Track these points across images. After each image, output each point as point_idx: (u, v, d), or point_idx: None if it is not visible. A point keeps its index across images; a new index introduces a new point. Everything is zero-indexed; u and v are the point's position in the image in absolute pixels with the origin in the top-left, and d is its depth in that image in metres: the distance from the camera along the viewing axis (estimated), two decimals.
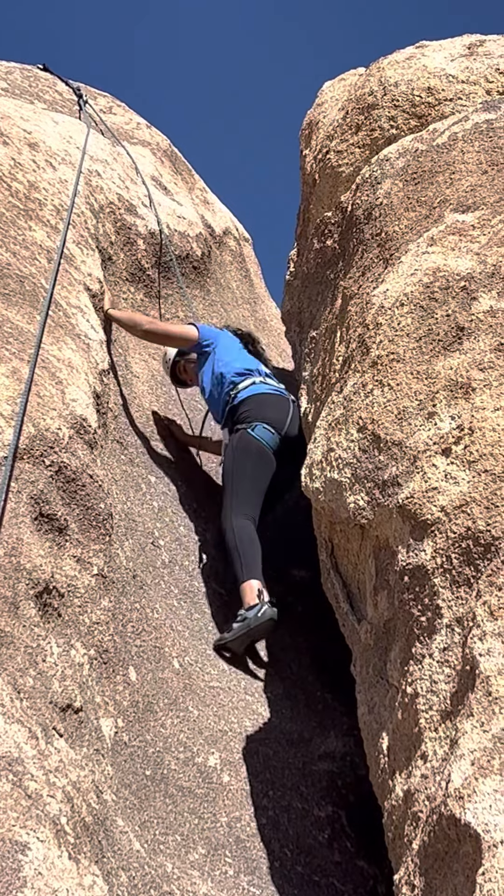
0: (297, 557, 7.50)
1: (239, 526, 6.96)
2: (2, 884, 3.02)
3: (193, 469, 7.90)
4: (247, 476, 7.27)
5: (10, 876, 3.07)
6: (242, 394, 7.58)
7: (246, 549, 6.82)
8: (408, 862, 3.88)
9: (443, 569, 4.23)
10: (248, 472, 7.28)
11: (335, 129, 7.56)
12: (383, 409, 4.97)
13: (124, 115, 11.05)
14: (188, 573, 6.86)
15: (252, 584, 6.64)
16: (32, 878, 3.12)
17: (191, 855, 4.85)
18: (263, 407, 7.51)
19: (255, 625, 6.43)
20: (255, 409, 7.50)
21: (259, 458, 7.33)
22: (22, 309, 5.76)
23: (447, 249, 5.38)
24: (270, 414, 7.47)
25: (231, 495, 7.24)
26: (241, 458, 7.34)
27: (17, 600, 4.24)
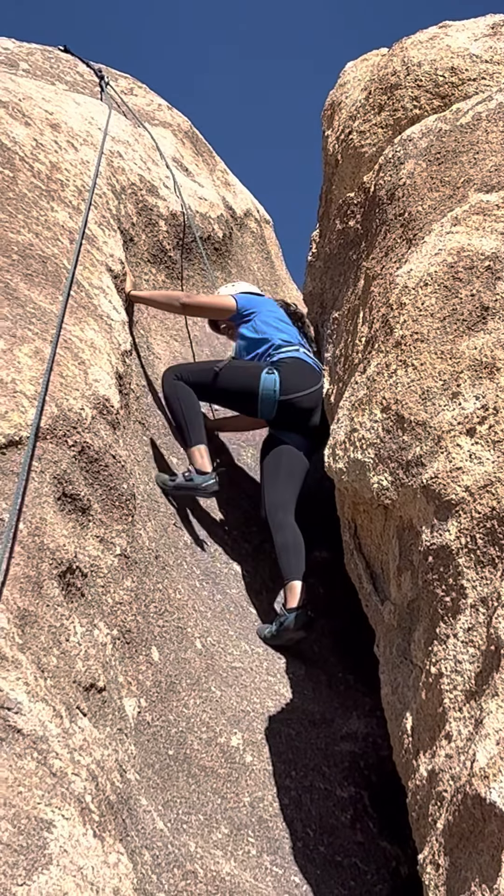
0: (318, 539, 7.50)
1: (179, 388, 7.45)
2: (28, 860, 3.03)
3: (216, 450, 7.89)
4: (218, 378, 7.58)
5: (36, 853, 3.08)
6: (282, 354, 7.66)
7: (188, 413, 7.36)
8: (432, 842, 3.87)
9: (467, 549, 4.21)
10: (223, 378, 7.59)
11: (358, 110, 7.54)
12: (407, 390, 4.95)
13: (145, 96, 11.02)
14: (210, 554, 6.87)
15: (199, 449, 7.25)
16: (58, 856, 3.13)
17: (214, 834, 4.86)
18: (293, 368, 7.61)
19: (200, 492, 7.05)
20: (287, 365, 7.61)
21: (241, 379, 7.60)
22: (45, 289, 5.75)
23: (471, 229, 5.36)
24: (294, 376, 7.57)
25: (187, 364, 7.85)
26: (235, 365, 7.72)
27: (40, 580, 4.24)
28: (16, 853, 3.03)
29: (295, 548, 6.97)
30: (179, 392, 7.30)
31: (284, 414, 7.52)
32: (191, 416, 7.24)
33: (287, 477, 7.41)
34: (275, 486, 7.34)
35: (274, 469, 7.46)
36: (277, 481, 7.37)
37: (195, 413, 7.28)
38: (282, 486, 7.33)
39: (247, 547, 7.29)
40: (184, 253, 8.90)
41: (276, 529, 7.09)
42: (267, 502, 7.27)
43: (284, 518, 7.16)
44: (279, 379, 7.45)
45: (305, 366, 7.65)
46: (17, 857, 3.02)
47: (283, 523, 7.12)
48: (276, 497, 7.27)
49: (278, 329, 7.85)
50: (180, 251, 8.86)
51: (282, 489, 7.32)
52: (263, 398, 7.45)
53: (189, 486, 6.89)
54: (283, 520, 7.14)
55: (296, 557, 6.92)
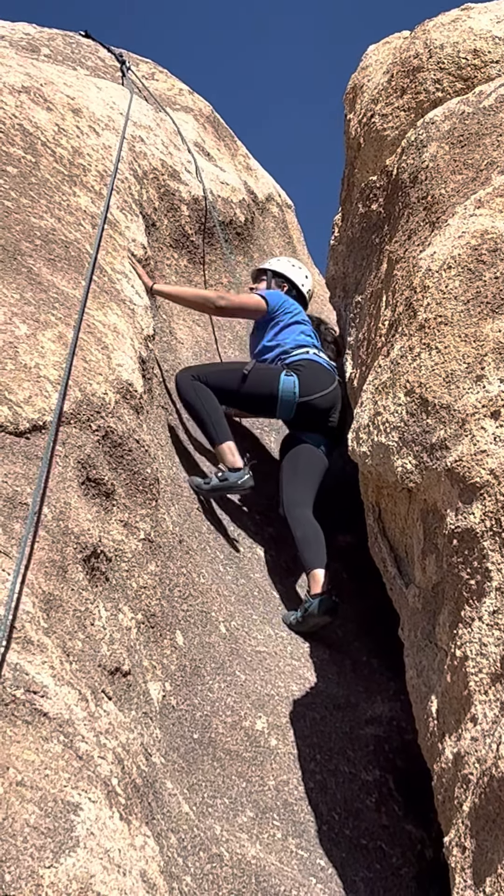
0: (342, 523, 7.50)
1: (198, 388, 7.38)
2: (55, 843, 3.04)
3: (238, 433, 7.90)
4: (236, 381, 7.55)
5: (63, 835, 3.09)
6: (295, 357, 7.68)
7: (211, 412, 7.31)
8: (458, 824, 3.87)
9: (492, 531, 4.20)
10: (241, 383, 7.55)
11: (380, 93, 7.51)
12: (431, 373, 4.94)
13: (166, 81, 11.01)
14: (233, 538, 6.88)
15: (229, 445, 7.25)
16: (85, 838, 3.14)
17: (239, 818, 4.87)
18: (310, 370, 7.63)
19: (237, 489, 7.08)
20: (303, 367, 7.63)
21: (260, 383, 7.57)
22: (67, 274, 5.76)
23: (495, 212, 5.34)
24: (311, 378, 7.60)
25: (205, 365, 7.75)
26: (255, 368, 7.63)
27: (65, 564, 4.25)
28: (43, 836, 3.04)
29: (315, 539, 6.99)
30: (199, 392, 7.29)
31: (302, 415, 7.58)
32: (214, 414, 7.25)
33: (305, 474, 7.45)
34: (293, 482, 7.38)
35: (293, 466, 7.51)
36: (296, 478, 7.41)
37: (217, 410, 7.29)
38: (300, 483, 7.37)
39: (270, 531, 7.29)
40: (206, 237, 8.90)
41: (295, 524, 7.11)
42: (285, 499, 7.30)
43: (303, 513, 7.18)
44: (298, 381, 7.48)
45: (321, 367, 7.70)
46: (45, 839, 3.03)
47: (301, 517, 7.15)
48: (295, 493, 7.31)
49: (294, 331, 7.89)
50: (202, 236, 8.86)
51: (300, 486, 7.36)
52: (283, 400, 7.49)
53: (225, 486, 6.92)
54: (301, 514, 7.17)
55: (317, 548, 6.93)
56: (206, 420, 7.22)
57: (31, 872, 2.91)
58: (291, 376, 7.50)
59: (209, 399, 7.27)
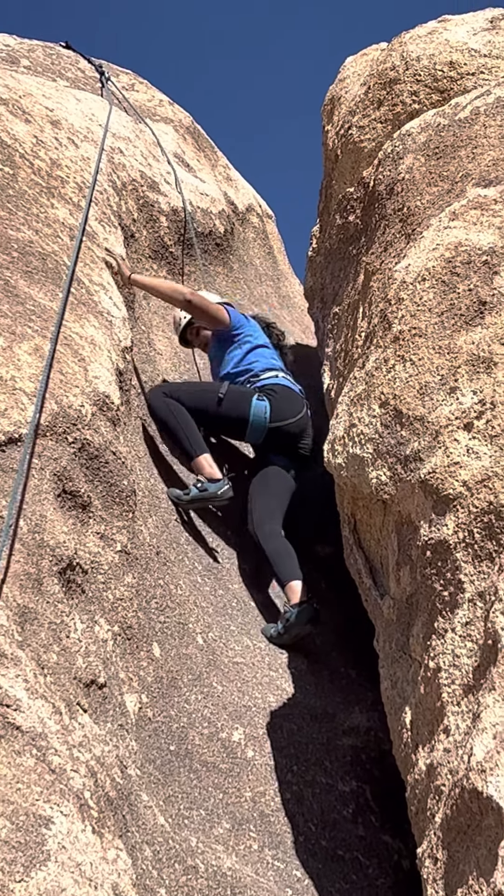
0: (321, 534, 7.51)
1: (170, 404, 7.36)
2: (26, 857, 3.04)
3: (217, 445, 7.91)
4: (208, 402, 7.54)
5: (35, 849, 3.09)
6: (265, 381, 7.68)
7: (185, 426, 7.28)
8: (431, 836, 3.89)
9: (465, 543, 4.22)
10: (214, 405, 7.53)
11: (357, 105, 7.54)
12: (405, 385, 4.96)
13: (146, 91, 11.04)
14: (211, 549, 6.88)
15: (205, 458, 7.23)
16: (56, 852, 3.14)
17: (215, 829, 4.87)
18: (281, 395, 7.63)
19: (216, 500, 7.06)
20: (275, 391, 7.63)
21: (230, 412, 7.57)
22: (45, 286, 5.77)
23: (469, 224, 5.36)
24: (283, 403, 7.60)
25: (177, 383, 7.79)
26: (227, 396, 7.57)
27: (40, 577, 4.25)
28: (14, 850, 3.04)
29: (287, 552, 7.00)
30: (172, 408, 7.27)
31: (271, 439, 7.59)
32: (187, 428, 7.24)
33: (275, 491, 7.48)
34: (262, 499, 7.40)
35: (262, 485, 7.52)
36: (266, 494, 7.43)
37: (190, 424, 7.27)
38: (270, 500, 7.39)
39: (249, 542, 7.29)
40: (185, 249, 8.92)
41: (265, 539, 7.11)
42: (255, 515, 7.31)
43: (272, 528, 7.20)
44: (269, 406, 7.49)
45: (292, 393, 7.70)
46: (16, 853, 3.03)
47: (270, 533, 7.16)
48: (264, 510, 7.32)
49: (261, 354, 7.89)
50: (181, 247, 8.87)
51: (270, 502, 7.38)
52: (254, 425, 7.51)
53: (205, 497, 6.92)
54: (270, 529, 7.18)
55: (290, 560, 6.94)
56: (181, 435, 7.21)
57: (2, 886, 2.91)
58: (263, 401, 7.50)
59: (182, 414, 7.26)
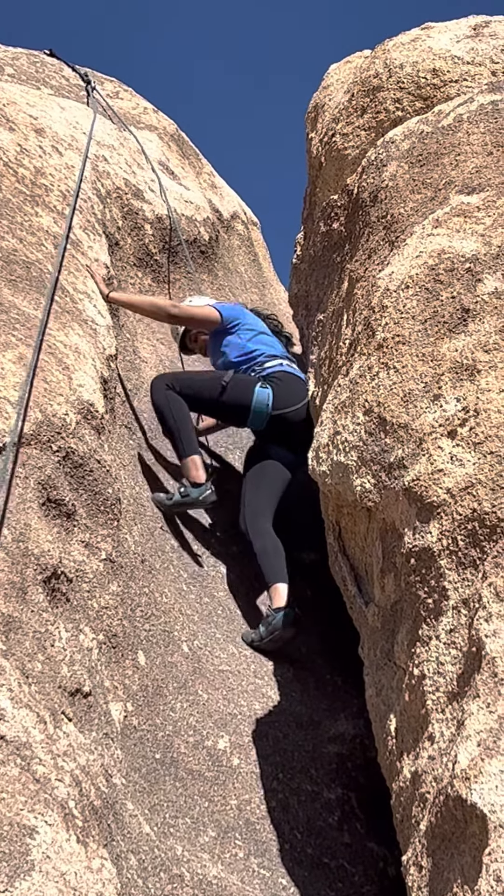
0: (307, 541, 7.51)
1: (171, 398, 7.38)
2: (10, 867, 3.04)
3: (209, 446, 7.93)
4: (210, 390, 7.58)
5: (19, 859, 3.09)
6: (270, 370, 7.69)
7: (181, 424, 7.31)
8: (415, 843, 3.89)
9: (449, 550, 4.23)
10: (216, 393, 7.56)
11: (341, 112, 7.55)
12: (389, 392, 4.96)
13: (131, 99, 11.04)
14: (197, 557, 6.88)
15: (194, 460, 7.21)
16: (40, 862, 3.14)
17: (201, 838, 4.87)
18: (285, 382, 7.64)
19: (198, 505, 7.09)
20: (279, 378, 7.65)
21: (233, 399, 7.59)
22: (29, 295, 5.77)
23: (452, 231, 5.37)
24: (286, 391, 7.60)
25: (179, 373, 7.85)
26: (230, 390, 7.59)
27: (25, 585, 4.25)
28: None
29: (275, 552, 7.01)
30: (171, 402, 7.28)
31: (273, 427, 7.58)
32: (183, 427, 7.25)
33: (268, 489, 7.47)
34: (255, 496, 7.40)
35: (256, 481, 7.52)
36: (258, 492, 7.43)
37: (187, 423, 7.29)
38: (262, 497, 7.39)
39: (234, 549, 7.30)
40: (170, 256, 8.92)
41: (255, 536, 7.12)
42: (246, 512, 7.32)
43: (262, 526, 7.20)
44: (272, 394, 7.49)
45: (296, 380, 7.70)
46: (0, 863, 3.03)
47: (261, 530, 7.16)
48: (255, 507, 7.33)
49: (263, 342, 7.90)
50: (167, 255, 8.88)
51: (261, 500, 7.38)
52: (255, 412, 7.50)
53: (187, 502, 6.93)
54: (261, 527, 7.19)
55: (277, 561, 6.95)
56: (175, 432, 7.22)
57: None
58: (266, 388, 7.51)
59: (180, 410, 7.27)
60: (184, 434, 7.20)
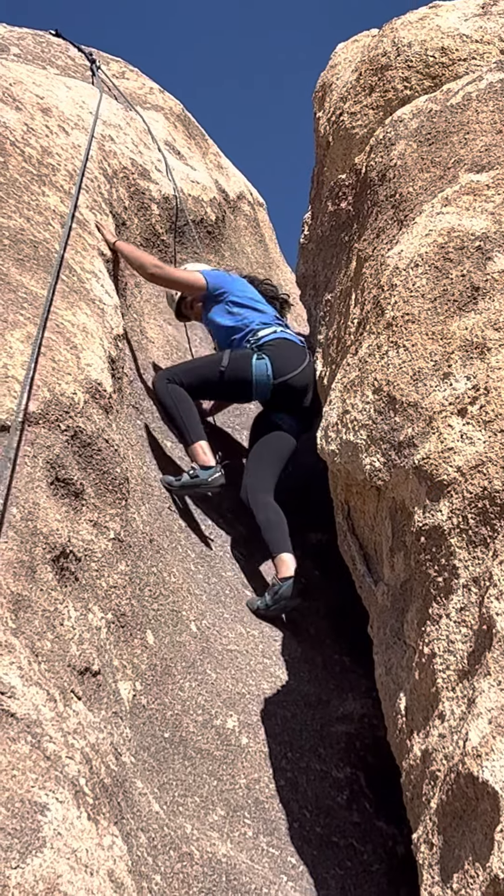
0: (314, 521, 7.51)
1: (172, 390, 7.37)
2: (21, 843, 3.04)
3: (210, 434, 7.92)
4: (211, 374, 7.61)
5: (30, 836, 3.09)
6: (265, 338, 7.67)
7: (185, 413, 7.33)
8: (426, 821, 3.89)
9: (459, 529, 4.22)
10: (216, 375, 7.59)
11: (349, 91, 7.52)
12: (398, 371, 4.95)
13: (137, 79, 11.00)
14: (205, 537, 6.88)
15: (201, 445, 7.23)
16: (52, 839, 3.14)
17: (210, 816, 4.87)
18: (281, 349, 7.65)
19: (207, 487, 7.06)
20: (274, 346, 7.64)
21: (233, 377, 7.61)
22: (36, 274, 5.75)
23: (462, 209, 5.35)
24: (283, 357, 7.61)
25: (181, 364, 7.77)
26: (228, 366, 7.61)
27: (34, 564, 4.24)
28: (10, 836, 3.03)
29: (279, 524, 7.05)
30: (173, 394, 7.30)
31: (278, 395, 7.58)
32: (188, 415, 7.26)
33: (271, 461, 7.50)
34: (258, 468, 7.44)
35: (260, 453, 7.56)
36: (261, 464, 7.46)
37: (191, 411, 7.29)
38: (265, 470, 7.42)
39: (241, 530, 7.29)
40: (176, 236, 8.89)
41: (258, 509, 7.17)
42: (248, 484, 7.37)
43: (265, 498, 7.24)
44: (270, 363, 7.48)
45: (291, 345, 7.70)
46: (11, 840, 3.03)
47: (264, 502, 7.20)
48: (258, 479, 7.36)
49: (254, 309, 7.90)
50: (173, 235, 8.85)
51: (264, 472, 7.41)
52: (258, 384, 7.50)
53: (195, 484, 6.92)
54: (263, 499, 7.23)
55: (281, 532, 6.99)
56: (180, 421, 7.22)
57: None
58: (263, 359, 7.52)
59: (183, 400, 7.28)
60: (188, 422, 7.20)
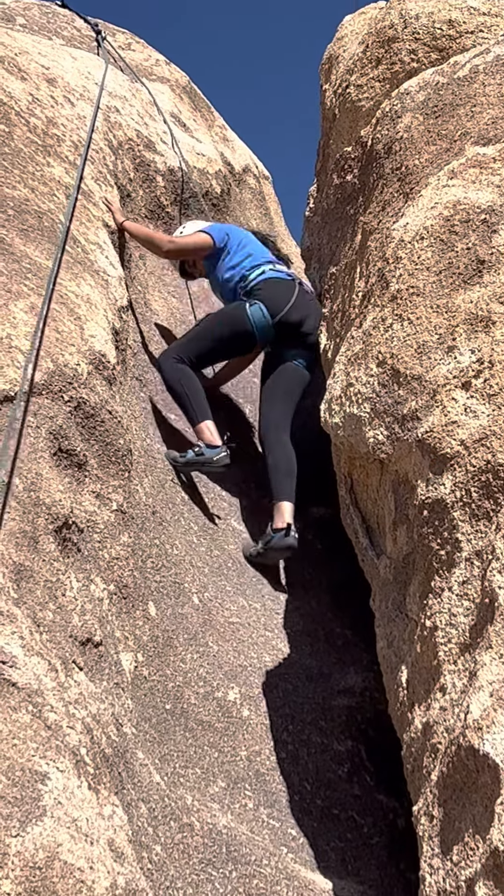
0: (316, 495, 7.50)
1: (177, 369, 7.32)
2: (22, 812, 3.04)
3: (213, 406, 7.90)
4: (212, 337, 7.61)
5: (31, 805, 3.09)
6: (252, 282, 7.71)
7: (191, 392, 7.23)
8: (426, 793, 3.89)
9: (462, 502, 4.21)
10: (217, 335, 7.62)
11: (355, 63, 7.48)
12: (403, 344, 4.94)
13: (143, 51, 10.95)
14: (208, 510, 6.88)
15: (207, 425, 7.11)
16: (52, 807, 3.14)
17: (211, 788, 4.88)
18: (269, 289, 7.66)
19: (211, 465, 6.95)
20: (262, 289, 7.66)
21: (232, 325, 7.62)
22: (41, 245, 5.74)
23: (468, 182, 5.33)
24: (273, 296, 7.61)
25: (183, 339, 7.67)
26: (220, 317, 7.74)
27: (36, 535, 4.24)
28: (10, 805, 3.04)
29: (287, 469, 7.10)
30: (179, 373, 7.28)
31: (281, 333, 7.60)
32: (193, 395, 7.23)
33: (284, 396, 7.54)
34: (272, 406, 7.48)
35: (271, 390, 7.59)
36: (274, 401, 7.50)
37: (197, 391, 7.26)
38: (278, 407, 7.46)
39: (245, 503, 7.29)
40: (181, 209, 8.87)
41: (269, 449, 7.23)
42: (262, 421, 7.44)
43: (278, 437, 7.29)
44: (263, 305, 7.52)
45: (279, 282, 7.74)
46: (12, 808, 3.03)
47: (276, 443, 7.25)
48: (272, 417, 7.41)
49: (249, 252, 7.96)
50: (178, 207, 8.83)
51: (278, 409, 7.45)
52: (259, 329, 7.54)
53: (200, 462, 6.91)
54: (276, 439, 7.28)
55: (286, 478, 7.06)
56: (186, 401, 7.20)
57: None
58: (255, 304, 7.55)
59: (189, 380, 7.26)
60: (194, 402, 7.18)
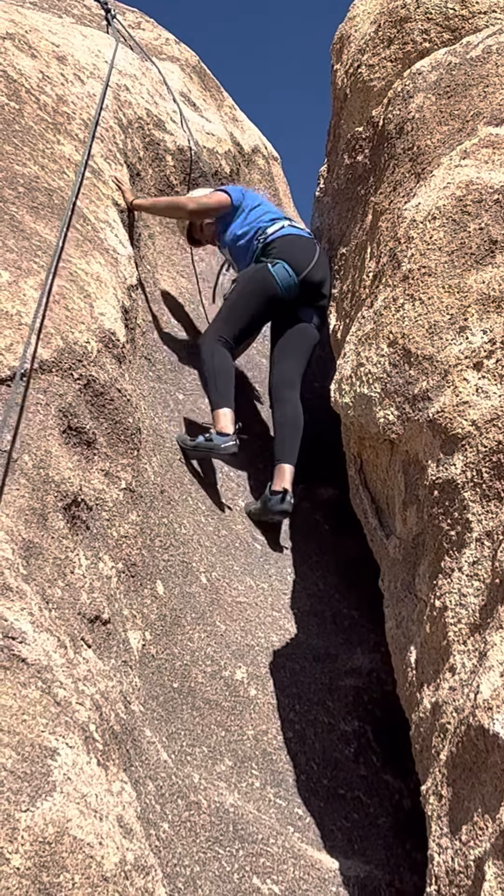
0: (324, 476, 7.50)
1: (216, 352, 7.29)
2: (32, 787, 3.04)
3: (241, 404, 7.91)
4: (247, 311, 7.58)
5: (40, 780, 3.09)
6: (272, 236, 7.70)
7: (220, 377, 7.20)
8: (435, 773, 3.89)
9: (473, 482, 4.20)
10: (252, 308, 7.59)
11: (367, 43, 7.46)
12: (414, 324, 4.93)
13: (153, 30, 10.91)
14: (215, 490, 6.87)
15: (225, 412, 7.05)
16: (62, 783, 3.14)
17: (218, 766, 4.88)
18: (290, 246, 7.64)
19: (218, 452, 6.88)
20: (281, 246, 7.64)
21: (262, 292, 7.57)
22: (50, 222, 5.72)
23: (480, 163, 5.31)
24: (296, 253, 7.59)
25: (219, 319, 7.59)
26: (248, 286, 7.63)
27: (45, 512, 4.23)
28: (20, 780, 3.04)
29: (293, 430, 7.16)
30: (217, 356, 7.27)
31: (303, 291, 7.59)
32: (222, 380, 7.21)
33: (297, 354, 7.56)
34: (285, 362, 7.52)
35: (284, 348, 7.60)
36: (287, 358, 7.53)
37: (228, 378, 7.24)
38: (291, 363, 7.50)
39: (253, 483, 7.28)
40: (190, 188, 8.85)
41: (277, 405, 7.30)
42: (274, 378, 7.47)
43: (288, 394, 7.34)
44: (286, 264, 7.50)
45: (298, 238, 7.73)
46: (21, 783, 3.03)
47: (285, 399, 7.31)
48: (283, 374, 7.46)
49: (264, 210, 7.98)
50: (187, 186, 8.81)
51: (291, 366, 7.48)
52: (285, 288, 7.51)
53: (207, 447, 6.86)
54: (285, 395, 7.33)
55: (291, 438, 7.11)
56: (213, 384, 7.19)
57: (7, 816, 2.91)
58: (278, 263, 7.53)
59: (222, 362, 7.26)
60: (221, 386, 7.15)
